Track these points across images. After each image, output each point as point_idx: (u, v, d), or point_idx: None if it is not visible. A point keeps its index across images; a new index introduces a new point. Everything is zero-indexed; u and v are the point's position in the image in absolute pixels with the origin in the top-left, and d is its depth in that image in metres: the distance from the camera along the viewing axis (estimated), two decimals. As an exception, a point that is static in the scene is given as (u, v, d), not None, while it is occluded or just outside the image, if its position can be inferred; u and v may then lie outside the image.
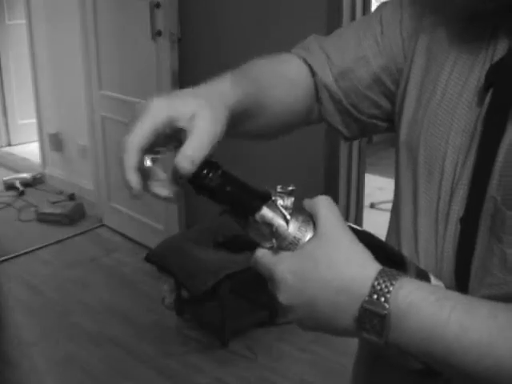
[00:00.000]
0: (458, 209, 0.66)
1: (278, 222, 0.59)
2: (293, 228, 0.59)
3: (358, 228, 0.63)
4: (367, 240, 0.61)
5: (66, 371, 2.61)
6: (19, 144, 5.16)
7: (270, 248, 0.60)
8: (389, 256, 0.63)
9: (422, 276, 0.63)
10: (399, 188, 0.76)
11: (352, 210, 2.94)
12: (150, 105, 0.60)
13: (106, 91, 3.57)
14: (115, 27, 3.42)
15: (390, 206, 0.85)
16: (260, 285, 0.60)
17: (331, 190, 2.81)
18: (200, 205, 3.31)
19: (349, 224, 0.62)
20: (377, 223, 4.19)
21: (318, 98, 0.82)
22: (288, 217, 0.59)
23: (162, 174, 0.61)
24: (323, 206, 0.60)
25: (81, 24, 3.59)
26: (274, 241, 0.59)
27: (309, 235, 0.59)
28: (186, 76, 3.18)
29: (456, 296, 0.56)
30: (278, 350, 2.67)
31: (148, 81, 3.24)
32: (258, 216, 0.59)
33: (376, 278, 0.55)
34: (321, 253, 0.57)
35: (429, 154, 0.69)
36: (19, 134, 5.16)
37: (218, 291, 2.61)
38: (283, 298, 0.59)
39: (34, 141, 4.80)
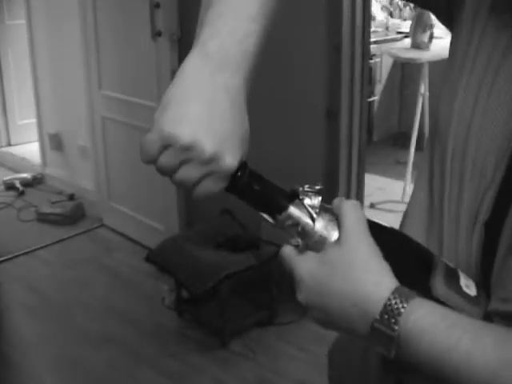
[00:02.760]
0: (485, 211, 0.64)
1: (305, 220, 0.60)
2: (319, 227, 0.60)
3: (385, 225, 0.63)
4: (394, 238, 0.62)
5: (66, 371, 2.61)
6: (19, 144, 5.16)
7: (296, 246, 0.61)
8: (417, 254, 0.63)
9: (452, 274, 0.62)
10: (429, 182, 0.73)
11: (352, 210, 2.93)
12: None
13: (106, 91, 3.57)
14: (115, 27, 3.42)
15: (389, 206, 0.85)
16: (260, 285, 0.60)
17: (331, 190, 2.81)
18: (200, 205, 3.31)
19: (375, 221, 0.62)
20: (377, 223, 4.19)
21: None
22: (314, 216, 0.60)
23: None
24: (350, 212, 0.59)
25: (81, 24, 3.59)
26: (299, 239, 0.60)
27: (335, 235, 0.60)
28: (186, 76, 3.17)
29: (466, 323, 0.56)
30: (277, 349, 2.67)
31: (148, 81, 3.24)
32: (284, 215, 0.60)
33: (389, 299, 0.56)
34: (339, 263, 0.58)
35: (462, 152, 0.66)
36: (19, 134, 5.16)
37: (218, 291, 2.61)
38: (301, 296, 0.60)
39: (34, 141, 4.79)
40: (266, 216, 0.62)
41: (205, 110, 0.59)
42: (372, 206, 4.03)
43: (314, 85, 2.78)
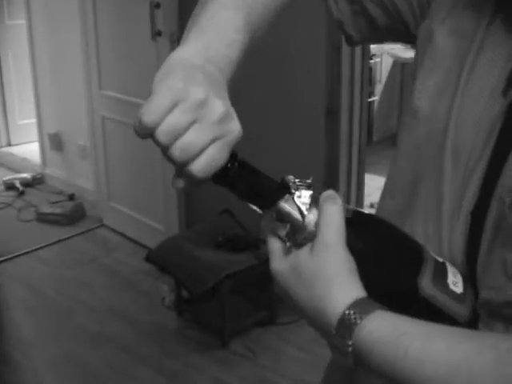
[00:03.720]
0: (470, 201, 0.64)
1: (294, 216, 0.59)
2: (308, 223, 0.59)
3: (373, 216, 0.63)
4: (382, 230, 0.62)
5: (66, 371, 2.61)
6: (19, 144, 5.16)
7: (285, 241, 0.61)
8: (405, 246, 0.63)
9: (440, 270, 0.62)
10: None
11: (352, 210, 2.94)
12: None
13: (106, 91, 3.57)
14: (115, 27, 3.42)
15: (389, 206, 0.85)
16: (260, 285, 0.61)
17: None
18: (200, 205, 3.31)
19: (363, 212, 0.62)
20: (377, 223, 4.18)
21: None
22: (305, 212, 0.59)
23: None
24: (329, 217, 0.59)
25: (81, 24, 3.59)
26: (289, 235, 0.60)
27: None
28: (186, 76, 3.17)
29: (417, 329, 0.56)
30: (277, 349, 2.67)
31: (148, 81, 3.18)
32: (274, 210, 0.59)
33: (344, 313, 0.57)
34: (306, 273, 0.59)
35: (458, 141, 0.67)
36: (19, 134, 5.16)
37: (218, 291, 2.61)
38: (276, 289, 0.64)
39: (34, 141, 4.79)
40: (255, 207, 0.62)
41: (207, 79, 0.58)
42: (372, 205, 4.03)
43: (314, 84, 2.78)
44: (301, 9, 2.75)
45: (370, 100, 4.47)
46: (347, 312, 0.57)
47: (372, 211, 0.66)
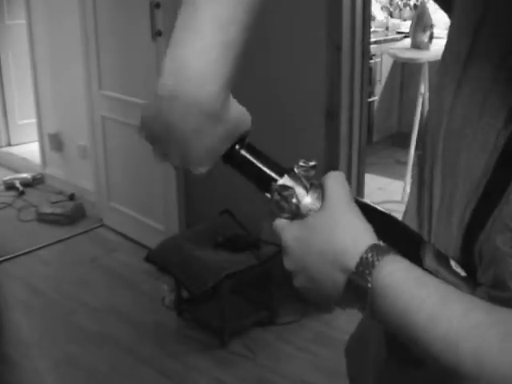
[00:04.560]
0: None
1: (298, 190, 0.61)
2: (311, 198, 0.61)
3: (373, 205, 0.65)
4: (382, 218, 0.63)
5: (66, 371, 2.61)
6: (19, 144, 5.16)
7: (290, 216, 0.62)
8: (406, 234, 0.64)
9: (441, 259, 0.62)
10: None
11: (352, 210, 2.94)
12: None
13: (105, 91, 3.57)
14: (115, 27, 3.42)
15: (389, 206, 0.85)
16: (260, 285, 0.60)
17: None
18: (200, 205, 3.31)
19: (363, 200, 0.64)
20: (377, 223, 4.18)
21: None
22: (308, 186, 0.62)
23: None
24: (332, 180, 0.62)
25: (81, 24, 3.59)
26: (293, 208, 0.61)
27: None
28: (186, 76, 3.17)
29: (436, 285, 0.55)
30: (277, 349, 2.67)
31: (148, 81, 3.24)
32: (279, 183, 0.62)
33: (365, 252, 0.57)
34: (321, 224, 0.60)
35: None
36: (19, 134, 5.16)
37: (218, 291, 2.61)
38: (286, 262, 0.63)
39: (34, 141, 4.79)
40: (260, 190, 0.64)
41: None
42: (372, 205, 4.03)
43: (314, 85, 2.78)
44: (301, 9, 2.75)
45: (369, 100, 4.48)
46: (368, 250, 0.57)
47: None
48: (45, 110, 4.40)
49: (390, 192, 4.25)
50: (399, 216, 0.80)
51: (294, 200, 0.61)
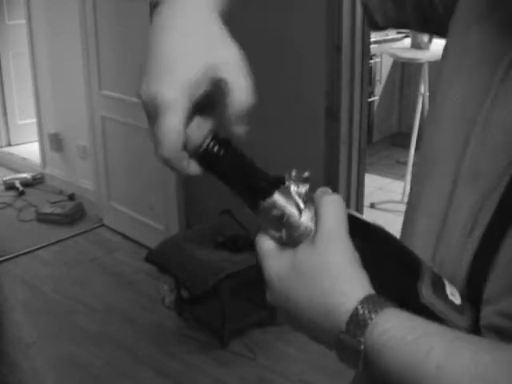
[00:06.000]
0: (482, 223, 0.60)
1: (291, 210, 0.54)
2: (305, 218, 0.54)
3: (370, 222, 0.58)
4: (379, 237, 0.58)
5: (66, 371, 2.61)
6: (19, 144, 5.16)
7: (279, 238, 0.55)
8: (402, 255, 0.59)
9: (437, 280, 0.59)
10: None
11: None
12: (179, 57, 0.54)
13: (105, 91, 3.57)
14: (115, 27, 3.42)
15: (389, 206, 0.85)
16: (260, 285, 0.58)
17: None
18: (200, 205, 3.31)
19: (359, 217, 0.58)
20: (377, 223, 4.17)
21: None
22: (301, 205, 0.54)
23: None
24: (328, 209, 0.55)
25: (81, 24, 3.59)
26: (283, 231, 0.54)
27: None
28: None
29: (439, 333, 0.51)
30: (277, 349, 2.67)
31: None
32: (269, 202, 0.54)
33: (356, 309, 0.52)
34: (310, 268, 0.54)
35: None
36: (19, 134, 5.16)
37: (218, 291, 2.61)
38: (269, 296, 0.58)
39: (34, 141, 4.79)
40: (246, 203, 0.56)
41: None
42: (372, 205, 4.03)
43: (314, 85, 2.78)
44: (301, 9, 2.75)
45: (370, 100, 4.47)
46: (360, 307, 0.52)
47: (372, 211, 0.65)
48: (45, 110, 4.40)
49: (390, 192, 4.25)
50: (399, 216, 0.80)
51: (285, 221, 0.54)
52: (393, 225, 0.81)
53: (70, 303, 3.07)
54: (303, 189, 0.55)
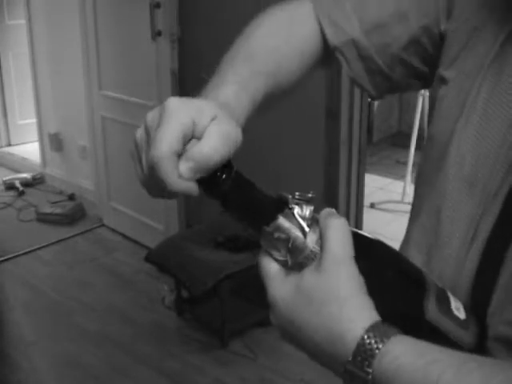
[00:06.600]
0: (485, 231, 0.61)
1: (295, 233, 0.54)
2: (310, 241, 0.54)
3: (374, 239, 0.58)
4: (383, 254, 0.57)
5: (66, 371, 2.61)
6: (19, 144, 5.16)
7: (284, 262, 0.55)
8: (407, 272, 0.59)
9: (442, 296, 0.59)
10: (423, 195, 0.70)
11: (352, 210, 2.94)
12: (171, 107, 0.54)
13: (105, 91, 3.57)
14: (115, 27, 3.42)
15: (389, 206, 0.85)
16: (260, 285, 0.58)
17: (331, 191, 2.81)
18: (200, 205, 3.31)
19: (363, 234, 0.57)
20: (377, 223, 4.19)
21: (339, 57, 0.77)
22: (306, 229, 0.54)
23: None
24: (335, 234, 0.54)
25: (81, 24, 3.59)
26: (288, 254, 0.54)
27: None
28: (186, 76, 3.18)
29: (448, 358, 0.51)
30: (277, 350, 2.67)
31: (148, 81, 3.24)
32: (273, 226, 0.54)
33: (362, 338, 0.51)
34: (315, 293, 0.53)
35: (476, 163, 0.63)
36: (19, 134, 5.16)
37: (218, 291, 2.61)
38: (272, 318, 0.58)
39: (34, 141, 4.80)
40: (250, 228, 0.56)
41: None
42: (372, 205, 4.03)
43: (314, 85, 2.77)
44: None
45: (369, 100, 4.47)
46: (366, 336, 0.51)
47: (372, 211, 0.65)
48: (45, 110, 4.40)
49: (390, 192, 4.25)
50: (399, 216, 0.80)
51: (290, 245, 0.53)
52: (393, 225, 0.81)
53: (70, 303, 3.07)
54: (307, 211, 0.54)
